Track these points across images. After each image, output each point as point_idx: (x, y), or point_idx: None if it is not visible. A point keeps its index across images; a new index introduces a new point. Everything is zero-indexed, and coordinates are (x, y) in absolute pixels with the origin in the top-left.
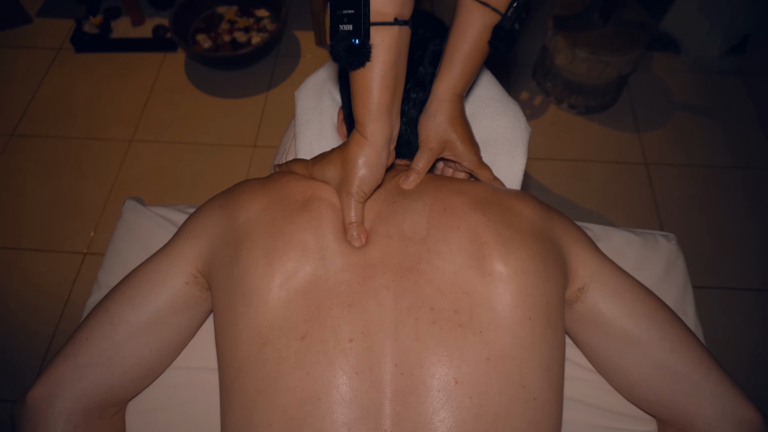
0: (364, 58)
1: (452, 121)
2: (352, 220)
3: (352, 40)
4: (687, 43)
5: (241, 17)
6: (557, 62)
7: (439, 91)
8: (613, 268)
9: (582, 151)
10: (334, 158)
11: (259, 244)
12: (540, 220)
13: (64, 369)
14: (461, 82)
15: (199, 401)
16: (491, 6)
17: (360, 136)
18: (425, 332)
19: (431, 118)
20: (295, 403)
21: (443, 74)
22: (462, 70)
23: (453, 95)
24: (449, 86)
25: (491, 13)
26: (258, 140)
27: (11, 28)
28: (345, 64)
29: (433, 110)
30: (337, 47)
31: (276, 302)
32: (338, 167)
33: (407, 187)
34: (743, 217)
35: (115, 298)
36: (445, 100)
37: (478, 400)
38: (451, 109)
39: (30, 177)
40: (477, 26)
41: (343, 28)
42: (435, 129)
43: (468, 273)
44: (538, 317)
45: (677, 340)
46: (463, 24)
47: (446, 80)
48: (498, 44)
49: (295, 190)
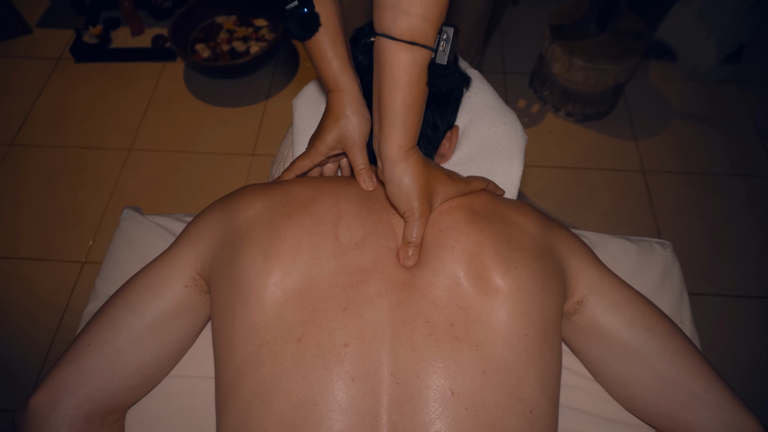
0: (316, 23)
1: (424, 177)
2: (361, 166)
3: (302, 11)
4: (683, 52)
5: (239, 27)
6: (554, 70)
7: (392, 155)
8: (614, 279)
9: (579, 159)
10: (326, 124)
11: (257, 242)
12: (540, 234)
13: (67, 374)
14: (411, 135)
15: (197, 410)
16: (420, 44)
17: (335, 92)
18: (421, 343)
19: (398, 188)
20: (291, 408)
21: (388, 134)
22: (407, 124)
23: (408, 152)
24: (401, 145)
25: (421, 50)
26: (256, 149)
27: (11, 39)
28: (301, 33)
29: (396, 179)
30: (289, 24)
31: (272, 301)
32: (333, 128)
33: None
34: (740, 225)
35: (116, 304)
36: (401, 161)
37: (474, 411)
38: (414, 167)
39: (29, 186)
40: (408, 70)
41: (290, 5)
42: (412, 197)
43: (464, 290)
44: (534, 333)
45: (677, 351)
46: (392, 71)
47: (394, 140)
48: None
49: (296, 190)
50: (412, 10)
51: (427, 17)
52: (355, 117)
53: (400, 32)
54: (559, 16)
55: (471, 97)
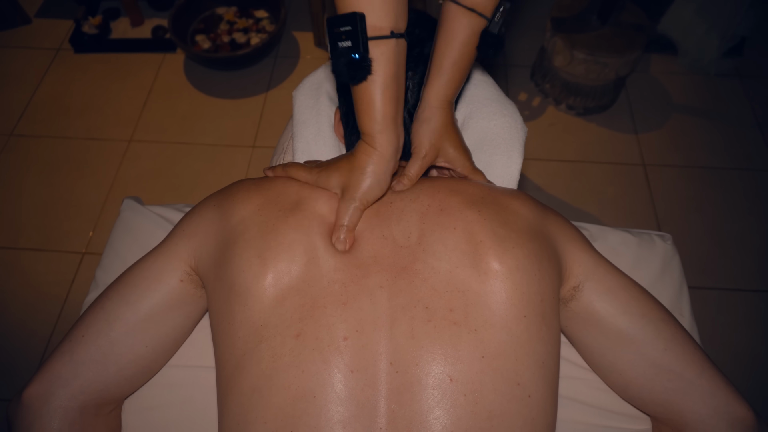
0: (366, 72)
1: (444, 128)
2: (344, 223)
3: (352, 56)
4: (684, 45)
5: (240, 18)
6: (555, 63)
7: (430, 98)
8: (608, 266)
9: (580, 152)
10: (341, 166)
11: (253, 245)
12: (535, 218)
13: (60, 366)
14: (451, 88)
15: (196, 400)
16: (478, 11)
17: (368, 146)
18: (420, 331)
19: (423, 124)
20: (291, 401)
21: (432, 81)
22: (451, 77)
23: (443, 102)
24: (439, 93)
25: (478, 18)
26: (257, 141)
27: (10, 29)
28: (347, 79)
29: (425, 117)
30: (338, 63)
31: (270, 301)
32: (345, 174)
33: (399, 189)
34: (740, 218)
35: (110, 296)
36: (436, 107)
37: (473, 397)
38: (442, 116)
39: (29, 177)
40: (464, 32)
41: (342, 44)
42: (428, 136)
43: (463, 272)
44: (533, 315)
45: (671, 339)
46: (450, 30)
47: (436, 87)
48: (486, 49)
49: (290, 190)
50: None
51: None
52: (370, 179)
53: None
54: (561, 8)
55: (471, 89)
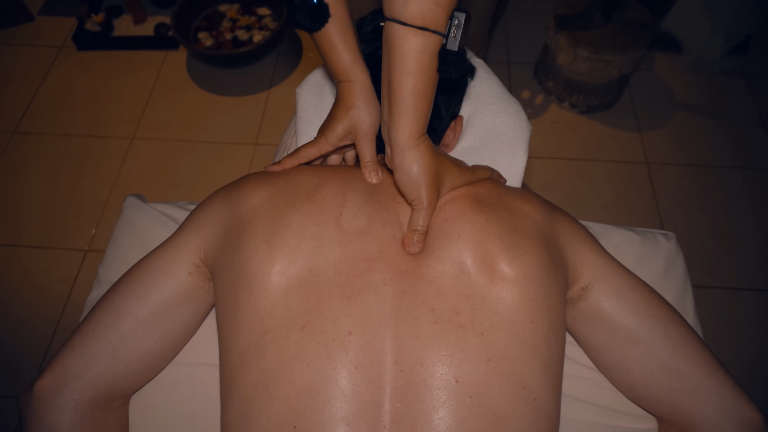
0: (326, 14)
1: (434, 165)
2: (368, 158)
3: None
4: (688, 43)
5: (242, 15)
6: (559, 61)
7: (402, 141)
8: (617, 266)
9: (583, 151)
10: (337, 114)
11: (261, 230)
12: (545, 221)
13: (71, 360)
14: (421, 122)
15: (199, 397)
16: (431, 29)
17: (346, 83)
18: (425, 331)
19: (407, 175)
20: (295, 395)
21: (399, 121)
22: (418, 111)
23: (418, 140)
24: (412, 132)
25: (432, 36)
26: (259, 138)
27: (13, 26)
28: (310, 25)
29: (406, 166)
30: (298, 15)
31: (276, 289)
32: (343, 119)
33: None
34: (744, 217)
35: (120, 290)
36: (411, 148)
37: (478, 399)
38: (424, 155)
39: (31, 174)
40: (419, 56)
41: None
42: (421, 185)
43: (469, 277)
44: (539, 320)
45: (679, 339)
46: (403, 56)
47: (404, 126)
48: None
49: (299, 178)
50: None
51: (438, 2)
52: (367, 108)
53: (411, 17)
54: (565, 6)
55: (475, 86)
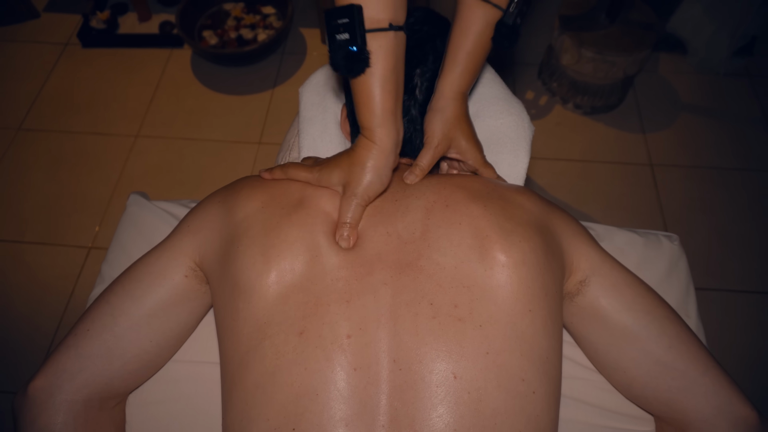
0: (364, 65)
1: (457, 119)
2: (346, 220)
3: (350, 48)
4: (694, 44)
5: (247, 14)
6: (563, 62)
7: (444, 89)
8: (614, 263)
9: (587, 152)
10: (341, 162)
11: (257, 242)
12: (540, 212)
13: (66, 360)
14: (465, 80)
15: (199, 395)
16: (492, 2)
17: (367, 140)
18: (424, 327)
19: (436, 114)
20: (293, 398)
21: (447, 72)
22: (465, 68)
23: (457, 93)
24: (453, 84)
25: (493, 9)
26: (263, 137)
27: (19, 23)
28: (345, 72)
29: (438, 107)
30: (335, 56)
31: (274, 299)
32: (345, 171)
33: (411, 181)
34: (747, 220)
35: (116, 291)
36: (449, 98)
37: (477, 395)
38: (456, 107)
39: (35, 171)
40: (479, 23)
41: (339, 37)
42: (440, 126)
43: (469, 267)
44: (538, 309)
45: (675, 337)
46: (465, 21)
47: (450, 78)
48: (501, 41)
49: (294, 187)
50: None
51: None
52: (371, 175)
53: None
54: (570, 6)
55: (479, 87)
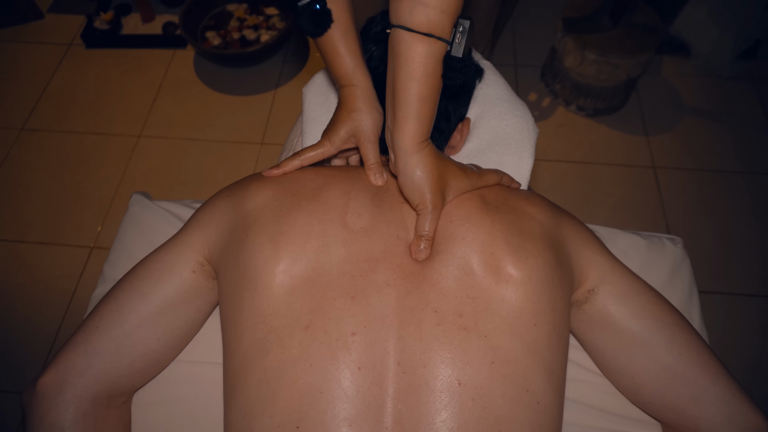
0: (328, 19)
1: (436, 170)
2: (372, 161)
3: (314, 7)
4: (697, 47)
5: (250, 15)
6: (566, 64)
7: (405, 146)
8: (624, 270)
9: (590, 154)
10: (339, 118)
11: (266, 229)
12: (551, 224)
13: (75, 356)
14: (425, 127)
15: (201, 396)
16: (436, 36)
17: (348, 87)
18: (428, 333)
19: (410, 180)
20: (297, 396)
21: (402, 126)
22: (422, 116)
23: (421, 144)
24: (415, 136)
25: (437, 43)
26: (266, 138)
27: (23, 24)
28: (312, 30)
29: (409, 171)
30: (302, 20)
31: (280, 288)
32: (346, 122)
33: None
34: (750, 223)
35: (124, 288)
36: (416, 153)
37: (481, 402)
38: (427, 159)
39: (38, 171)
40: (424, 62)
41: (302, 2)
42: (425, 189)
43: (474, 280)
44: (543, 323)
45: (685, 344)
46: (408, 62)
47: (409, 131)
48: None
49: (304, 178)
50: (429, 2)
51: (444, 9)
52: (369, 111)
53: (416, 24)
54: (573, 8)
55: (483, 88)
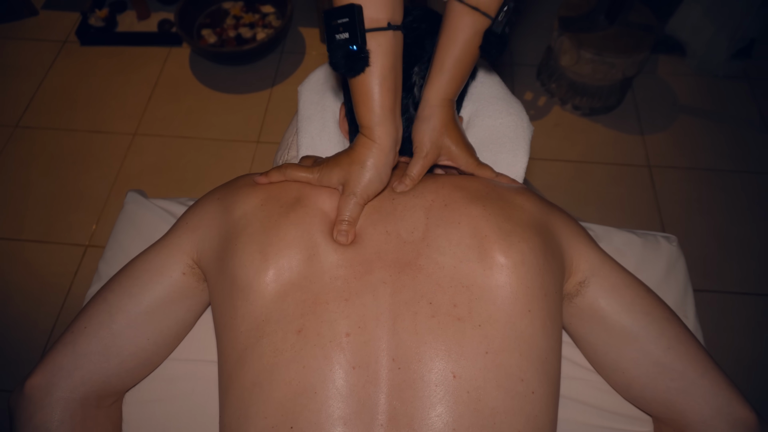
0: (363, 64)
1: (445, 126)
2: (344, 217)
3: (350, 47)
4: (692, 46)
5: (246, 13)
6: (562, 63)
7: (431, 96)
8: (613, 264)
9: (585, 153)
10: (341, 161)
11: (255, 240)
12: (539, 212)
13: (62, 358)
14: (452, 87)
15: (197, 393)
16: (481, 11)
17: (366, 138)
18: (423, 326)
19: (424, 123)
20: (291, 396)
21: (434, 79)
22: (452, 76)
23: (444, 100)
24: (440, 92)
25: (482, 17)
26: (261, 136)
27: (17, 20)
28: (345, 71)
29: (425, 116)
30: (335, 56)
31: (272, 296)
32: (345, 169)
33: (401, 190)
34: (745, 222)
35: (113, 288)
36: (436, 105)
37: (476, 394)
38: (443, 114)
39: (33, 169)
40: (467, 31)
41: (339, 37)
42: (429, 134)
43: (468, 267)
44: (537, 309)
45: (674, 338)
46: (453, 28)
47: (437, 85)
48: (489, 49)
49: (293, 185)
50: None
51: None
52: (371, 173)
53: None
54: (569, 7)
55: (477, 87)
